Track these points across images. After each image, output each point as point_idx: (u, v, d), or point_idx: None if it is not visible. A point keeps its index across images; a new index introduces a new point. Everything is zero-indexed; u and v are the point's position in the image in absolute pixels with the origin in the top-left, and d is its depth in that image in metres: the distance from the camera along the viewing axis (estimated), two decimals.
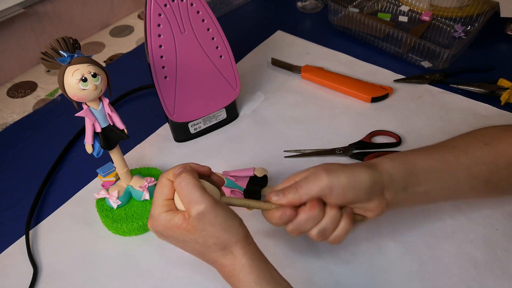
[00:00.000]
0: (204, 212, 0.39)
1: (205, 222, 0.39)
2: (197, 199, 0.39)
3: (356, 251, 0.54)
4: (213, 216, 0.39)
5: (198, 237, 0.40)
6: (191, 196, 0.39)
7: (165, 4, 0.56)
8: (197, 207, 0.39)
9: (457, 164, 0.48)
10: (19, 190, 0.64)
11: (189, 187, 0.39)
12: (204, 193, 0.39)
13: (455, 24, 0.87)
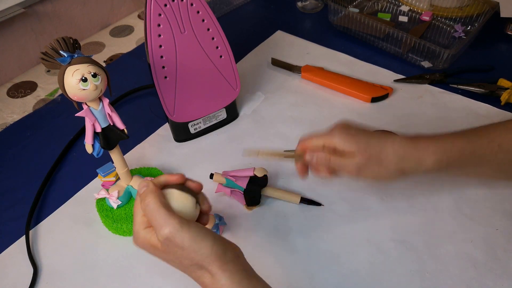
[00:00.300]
0: (169, 236, 0.37)
1: (173, 245, 0.38)
2: (162, 224, 0.37)
3: (356, 251, 0.54)
4: (180, 239, 0.37)
5: (174, 258, 0.39)
6: (156, 221, 0.38)
7: (165, 4, 0.56)
8: (162, 231, 0.37)
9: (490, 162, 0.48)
10: (19, 190, 0.64)
11: (153, 212, 0.38)
12: (169, 216, 0.38)
13: (455, 24, 0.87)
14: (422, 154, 0.47)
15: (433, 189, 0.60)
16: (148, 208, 0.38)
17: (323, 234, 0.56)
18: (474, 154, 0.48)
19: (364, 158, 0.47)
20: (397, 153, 0.47)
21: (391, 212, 0.58)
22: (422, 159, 0.47)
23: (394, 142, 0.48)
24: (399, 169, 0.47)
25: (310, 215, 0.58)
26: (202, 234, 0.38)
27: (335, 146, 0.47)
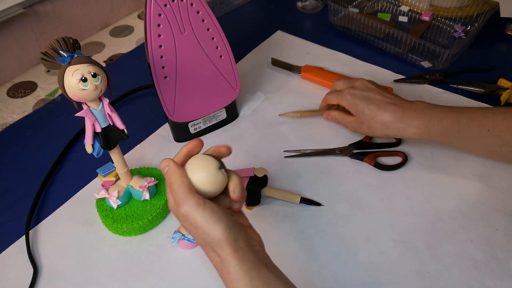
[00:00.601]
0: (185, 214, 0.39)
1: (188, 223, 0.40)
2: (179, 202, 0.39)
3: (356, 250, 0.54)
4: (193, 218, 0.39)
5: (192, 234, 0.41)
6: (177, 199, 0.40)
7: (165, 4, 0.56)
8: (179, 209, 0.39)
9: (478, 143, 0.56)
10: (19, 190, 0.64)
11: (175, 191, 0.40)
12: (187, 195, 0.39)
13: (455, 24, 0.87)
14: (405, 126, 0.58)
15: (433, 189, 0.60)
16: (172, 188, 0.40)
17: (323, 234, 0.56)
18: (460, 133, 0.55)
19: (358, 122, 0.62)
20: (384, 123, 0.59)
21: (391, 212, 0.58)
22: (404, 130, 0.58)
23: (385, 113, 0.59)
24: (383, 134, 0.61)
25: (310, 215, 0.58)
26: (216, 217, 0.39)
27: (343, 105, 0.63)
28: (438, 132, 0.57)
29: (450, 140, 0.58)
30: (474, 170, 0.62)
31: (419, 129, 0.57)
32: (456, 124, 0.56)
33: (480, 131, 0.55)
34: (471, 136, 0.56)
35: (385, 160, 0.65)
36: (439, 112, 0.57)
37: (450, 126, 0.56)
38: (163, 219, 0.59)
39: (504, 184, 0.60)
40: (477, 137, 0.55)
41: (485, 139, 0.54)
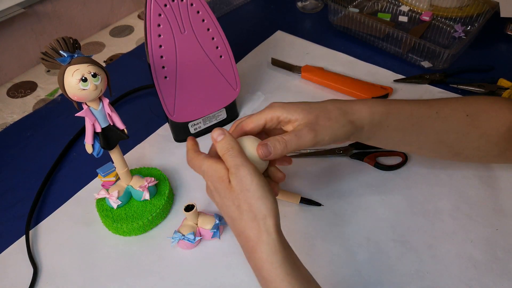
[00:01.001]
0: (242, 177, 0.40)
1: (242, 185, 0.40)
2: (240, 164, 0.41)
3: (356, 251, 0.54)
4: (249, 181, 0.40)
5: (235, 198, 0.41)
6: (234, 162, 0.41)
7: (165, 4, 0.56)
8: (238, 170, 0.41)
9: (428, 128, 0.50)
10: (19, 190, 0.64)
11: (233, 153, 0.42)
12: (247, 160, 0.42)
13: (455, 24, 0.87)
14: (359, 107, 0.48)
15: (433, 189, 0.60)
16: (229, 153, 0.42)
17: (323, 234, 0.56)
18: (412, 115, 0.50)
19: (312, 117, 0.45)
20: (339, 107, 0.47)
21: (391, 212, 0.58)
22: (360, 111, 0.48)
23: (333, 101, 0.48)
24: (348, 121, 0.47)
25: (310, 215, 0.58)
26: (269, 189, 0.42)
27: (279, 118, 0.46)
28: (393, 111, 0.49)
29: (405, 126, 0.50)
30: (474, 170, 0.62)
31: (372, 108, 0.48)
32: (407, 104, 0.50)
33: (430, 113, 0.50)
34: (422, 119, 0.50)
35: (385, 160, 0.65)
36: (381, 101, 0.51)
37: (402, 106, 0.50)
38: (163, 219, 0.59)
39: (504, 184, 0.60)
40: (427, 120, 0.50)
41: (435, 123, 0.50)
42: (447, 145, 0.52)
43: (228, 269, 0.53)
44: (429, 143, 0.52)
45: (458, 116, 0.51)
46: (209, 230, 0.54)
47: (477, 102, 0.52)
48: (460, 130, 0.51)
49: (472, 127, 0.50)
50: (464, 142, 0.51)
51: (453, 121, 0.50)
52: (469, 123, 0.50)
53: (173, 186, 0.63)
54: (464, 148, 0.52)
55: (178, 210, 0.60)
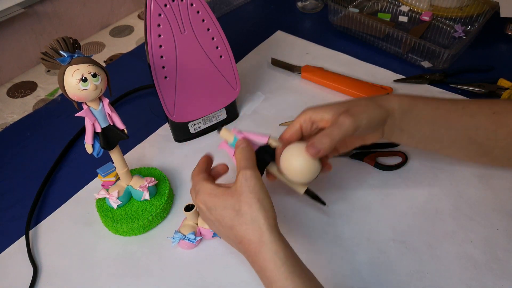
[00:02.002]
0: (248, 177, 0.43)
1: (246, 185, 0.42)
2: (248, 166, 0.44)
3: (356, 251, 0.54)
4: (254, 183, 0.43)
5: (236, 202, 0.43)
6: (244, 164, 0.45)
7: (165, 4, 0.56)
8: (245, 171, 0.44)
9: (457, 122, 0.51)
10: (19, 190, 0.64)
11: (245, 157, 0.46)
12: (255, 167, 0.45)
13: (455, 24, 0.87)
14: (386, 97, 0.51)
15: (433, 189, 0.60)
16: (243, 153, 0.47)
17: (323, 234, 0.56)
18: (439, 107, 0.51)
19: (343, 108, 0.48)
20: (366, 98, 0.51)
21: (391, 212, 0.58)
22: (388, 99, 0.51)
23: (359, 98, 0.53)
24: (378, 105, 0.49)
25: (310, 215, 0.58)
26: (268, 194, 0.44)
27: (311, 117, 0.51)
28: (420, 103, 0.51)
29: (433, 121, 0.51)
30: (474, 170, 0.62)
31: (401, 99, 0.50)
32: (432, 99, 0.52)
33: (456, 107, 0.51)
34: (449, 112, 0.51)
35: (385, 160, 0.65)
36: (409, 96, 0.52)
37: (426, 100, 0.52)
38: (163, 219, 0.59)
39: (504, 184, 0.60)
40: (454, 114, 0.51)
41: (462, 118, 0.51)
42: (477, 143, 0.52)
43: (229, 269, 0.53)
44: (459, 140, 0.52)
45: (484, 113, 0.51)
46: (210, 230, 0.54)
47: (503, 102, 0.53)
48: (488, 126, 0.50)
49: (499, 125, 0.50)
50: (493, 141, 0.51)
51: (480, 118, 0.51)
52: (496, 120, 0.50)
53: (173, 186, 0.63)
54: (493, 148, 0.51)
55: (178, 210, 0.60)
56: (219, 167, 0.52)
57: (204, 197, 0.45)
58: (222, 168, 0.52)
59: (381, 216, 0.58)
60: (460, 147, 0.53)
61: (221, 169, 0.52)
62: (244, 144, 0.48)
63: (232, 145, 0.50)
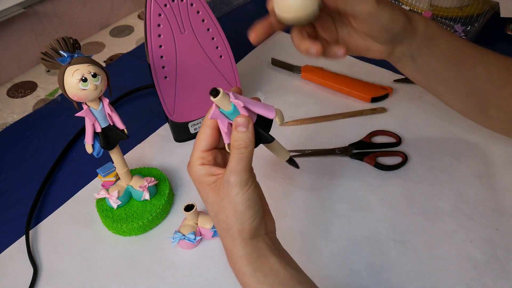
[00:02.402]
0: (231, 184, 0.38)
1: (226, 193, 0.38)
2: (237, 170, 0.38)
3: (356, 250, 0.54)
4: (235, 193, 0.38)
5: (215, 203, 0.39)
6: (235, 165, 0.39)
7: (165, 4, 0.56)
8: (231, 176, 0.38)
9: (470, 67, 0.48)
10: (19, 190, 0.64)
11: (243, 155, 0.39)
12: (246, 171, 0.39)
13: (455, 24, 0.87)
14: (416, 17, 0.46)
15: (433, 189, 0.60)
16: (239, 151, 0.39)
17: (323, 234, 0.56)
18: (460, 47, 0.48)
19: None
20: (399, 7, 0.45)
21: (391, 212, 0.58)
22: (416, 19, 0.46)
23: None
24: (407, 17, 0.44)
25: (310, 215, 0.58)
26: (250, 204, 0.39)
27: None
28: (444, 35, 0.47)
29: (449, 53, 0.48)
30: (474, 170, 0.62)
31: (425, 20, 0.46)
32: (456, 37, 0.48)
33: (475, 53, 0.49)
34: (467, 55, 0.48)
35: (385, 160, 0.65)
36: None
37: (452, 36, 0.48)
38: (163, 219, 0.59)
39: (504, 184, 0.60)
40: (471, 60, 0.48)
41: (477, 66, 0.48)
42: (479, 96, 0.50)
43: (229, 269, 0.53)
44: (464, 87, 0.50)
45: (499, 66, 0.49)
46: (210, 230, 0.54)
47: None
48: (496, 80, 0.48)
49: (508, 82, 0.48)
50: (495, 98, 0.49)
51: (493, 70, 0.48)
52: (507, 77, 0.48)
53: (173, 186, 0.63)
54: (491, 106, 0.50)
55: (178, 210, 0.60)
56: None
57: (192, 177, 0.41)
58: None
59: (381, 216, 0.58)
60: (462, 96, 0.51)
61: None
62: (245, 129, 0.40)
63: (229, 115, 0.41)
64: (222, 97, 0.39)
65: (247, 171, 0.39)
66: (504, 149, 0.65)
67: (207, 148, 0.41)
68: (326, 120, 0.72)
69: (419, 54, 0.47)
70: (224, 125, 0.40)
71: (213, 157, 0.41)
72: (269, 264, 0.39)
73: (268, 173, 0.63)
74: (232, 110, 0.40)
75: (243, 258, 0.39)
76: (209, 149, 0.41)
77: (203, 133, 0.42)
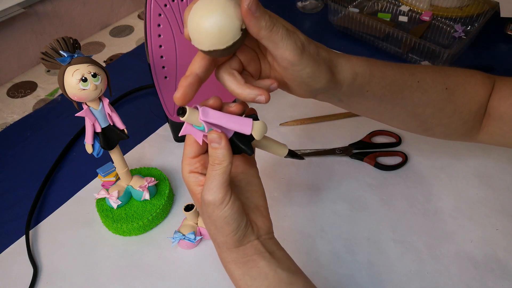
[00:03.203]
0: (205, 204, 0.37)
1: (205, 209, 0.38)
2: (211, 190, 0.37)
3: (356, 251, 0.54)
4: (211, 211, 0.37)
5: (203, 217, 0.40)
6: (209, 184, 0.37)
7: (165, 4, 0.56)
8: (205, 195, 0.37)
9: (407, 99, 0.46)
10: (19, 190, 0.64)
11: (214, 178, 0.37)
12: (220, 189, 0.37)
13: (455, 24, 0.87)
14: (343, 64, 0.41)
15: (433, 189, 0.60)
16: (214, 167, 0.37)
17: (323, 234, 0.56)
18: (394, 82, 0.45)
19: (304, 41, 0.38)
20: (329, 52, 0.41)
21: (391, 212, 0.58)
22: (343, 69, 0.41)
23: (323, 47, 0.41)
24: (332, 73, 0.40)
25: (310, 215, 0.58)
26: (231, 218, 0.37)
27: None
28: (376, 73, 0.43)
29: (382, 93, 0.44)
30: (474, 170, 0.62)
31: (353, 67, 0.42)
32: (390, 70, 0.45)
33: (412, 82, 0.46)
34: (403, 88, 0.45)
35: (385, 160, 0.65)
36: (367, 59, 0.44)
37: (384, 72, 0.44)
38: (163, 219, 0.59)
39: (504, 184, 0.60)
40: (408, 90, 0.46)
41: (414, 94, 0.46)
42: (420, 119, 0.49)
43: None
44: (402, 116, 0.48)
45: (438, 89, 0.48)
46: None
47: (456, 73, 0.50)
48: (437, 104, 0.48)
49: (448, 102, 0.48)
50: (437, 118, 0.49)
51: (432, 94, 0.47)
52: (447, 97, 0.48)
53: (173, 186, 0.63)
54: (436, 125, 0.50)
55: (178, 210, 0.60)
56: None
57: (185, 183, 0.41)
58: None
59: (381, 216, 0.58)
60: (401, 121, 0.50)
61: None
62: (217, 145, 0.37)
63: (202, 129, 0.37)
64: (190, 115, 0.36)
65: (221, 188, 0.37)
66: (504, 149, 0.65)
67: (193, 155, 0.40)
68: (326, 120, 0.72)
69: (347, 99, 0.44)
70: (200, 138, 0.38)
71: (201, 163, 0.40)
72: (258, 268, 0.39)
73: (268, 173, 0.63)
74: (203, 127, 0.37)
75: (231, 264, 0.39)
76: (195, 156, 0.40)
77: (188, 139, 0.40)
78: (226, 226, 0.38)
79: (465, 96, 0.49)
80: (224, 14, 0.33)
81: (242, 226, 0.38)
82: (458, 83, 0.49)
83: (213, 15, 0.33)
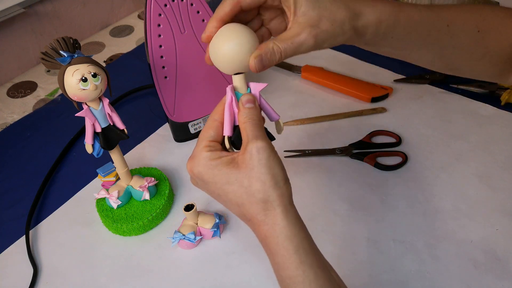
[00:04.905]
0: (260, 150, 0.37)
1: (258, 159, 0.37)
2: (259, 136, 0.38)
3: (356, 251, 0.54)
4: (267, 156, 0.37)
5: (244, 177, 0.37)
6: (254, 133, 0.38)
7: (165, 4, 0.56)
8: (257, 142, 0.37)
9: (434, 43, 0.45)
10: (19, 190, 0.64)
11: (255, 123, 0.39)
12: (266, 137, 0.38)
13: None
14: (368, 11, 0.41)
15: (433, 189, 0.60)
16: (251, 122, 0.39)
17: (323, 234, 0.56)
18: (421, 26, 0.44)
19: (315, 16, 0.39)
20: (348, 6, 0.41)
21: (391, 212, 0.58)
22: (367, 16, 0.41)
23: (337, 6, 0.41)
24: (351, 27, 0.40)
25: (310, 215, 0.58)
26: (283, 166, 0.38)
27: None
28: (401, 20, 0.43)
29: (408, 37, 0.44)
30: (474, 170, 0.62)
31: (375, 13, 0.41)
32: (418, 13, 0.44)
33: (440, 26, 0.45)
34: (431, 33, 0.45)
35: (385, 160, 0.65)
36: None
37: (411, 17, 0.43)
38: (163, 219, 0.59)
39: (504, 184, 0.60)
40: (435, 34, 0.45)
41: (442, 37, 0.45)
42: (447, 60, 0.48)
43: (229, 268, 0.53)
44: (428, 56, 0.47)
45: (469, 31, 0.46)
46: (209, 229, 0.54)
47: (494, 14, 0.47)
48: (466, 47, 0.46)
49: (479, 46, 0.46)
50: (465, 60, 0.47)
51: (462, 37, 0.46)
52: (478, 41, 0.46)
53: (173, 186, 0.63)
54: (462, 65, 0.48)
55: (178, 210, 0.60)
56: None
57: (199, 168, 0.39)
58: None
59: (381, 216, 0.58)
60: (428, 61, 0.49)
61: None
62: (253, 104, 0.40)
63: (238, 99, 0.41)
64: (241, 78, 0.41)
65: (266, 136, 0.38)
66: (504, 149, 0.65)
67: (214, 139, 0.40)
68: (326, 120, 0.72)
69: (373, 44, 0.44)
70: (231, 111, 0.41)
71: (218, 147, 0.40)
72: (308, 243, 0.38)
73: None
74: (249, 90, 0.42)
75: (286, 229, 0.36)
76: (216, 140, 0.40)
77: (211, 124, 0.41)
78: (283, 171, 0.38)
79: (498, 39, 0.46)
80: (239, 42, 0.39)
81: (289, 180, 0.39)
82: (492, 25, 0.46)
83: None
